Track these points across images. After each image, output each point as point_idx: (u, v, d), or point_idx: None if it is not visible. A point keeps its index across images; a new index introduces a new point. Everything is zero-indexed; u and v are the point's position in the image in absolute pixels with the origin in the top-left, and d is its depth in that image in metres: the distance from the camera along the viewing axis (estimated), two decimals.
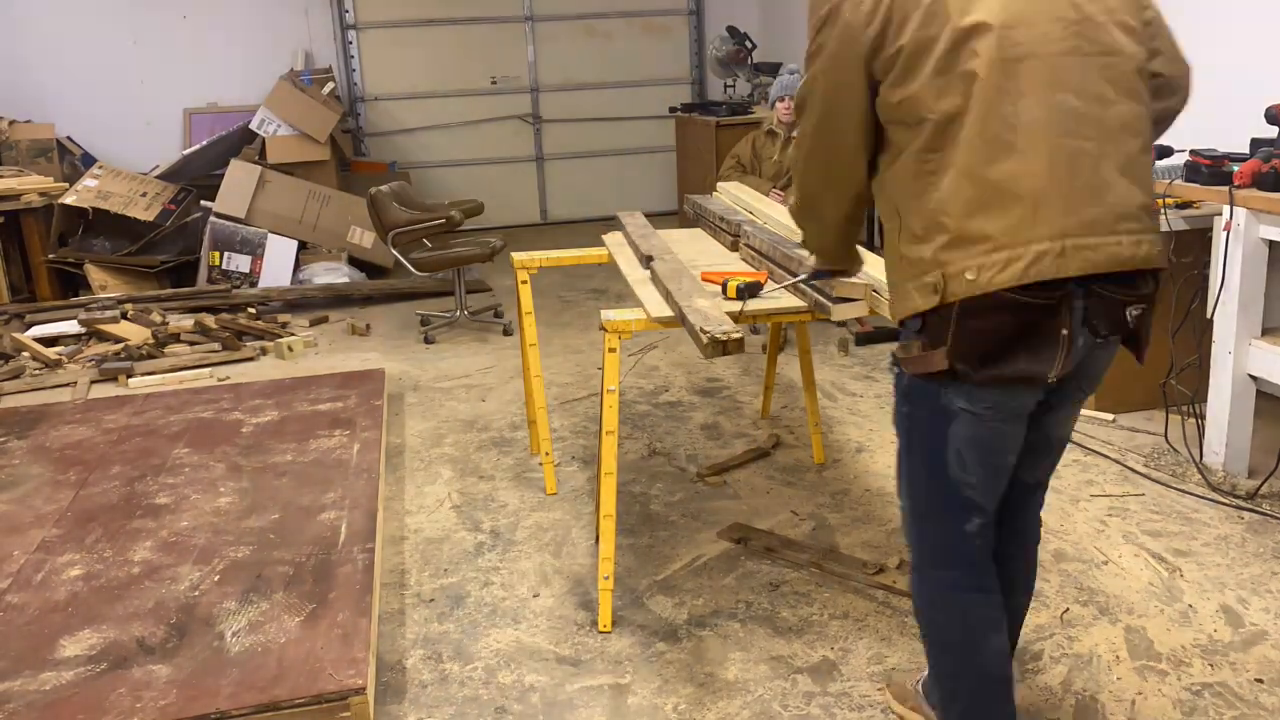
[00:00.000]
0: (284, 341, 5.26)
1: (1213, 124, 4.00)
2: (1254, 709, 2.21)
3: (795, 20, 8.11)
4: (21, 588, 2.68)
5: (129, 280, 6.30)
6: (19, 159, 6.67)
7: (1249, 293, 3.16)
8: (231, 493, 3.25)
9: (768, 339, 4.10)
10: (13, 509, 3.19)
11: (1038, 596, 2.67)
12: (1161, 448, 3.55)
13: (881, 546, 2.97)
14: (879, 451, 3.67)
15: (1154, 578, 2.75)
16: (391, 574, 2.94)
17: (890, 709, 2.24)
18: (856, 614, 2.63)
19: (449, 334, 5.52)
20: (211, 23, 7.72)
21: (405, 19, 8.22)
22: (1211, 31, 4.03)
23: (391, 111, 8.33)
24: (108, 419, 4.01)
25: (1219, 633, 2.49)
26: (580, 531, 3.15)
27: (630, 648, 2.52)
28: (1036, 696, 2.28)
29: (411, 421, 4.19)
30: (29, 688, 2.22)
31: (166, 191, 6.70)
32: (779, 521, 3.16)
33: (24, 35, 7.37)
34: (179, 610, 2.53)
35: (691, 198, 3.81)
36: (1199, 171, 3.33)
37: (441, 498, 3.45)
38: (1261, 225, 3.10)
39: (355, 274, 6.62)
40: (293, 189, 6.71)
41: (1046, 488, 2.06)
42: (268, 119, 6.89)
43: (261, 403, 4.13)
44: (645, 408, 4.23)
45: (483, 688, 2.39)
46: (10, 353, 5.13)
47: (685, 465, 3.63)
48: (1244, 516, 3.07)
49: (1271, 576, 2.73)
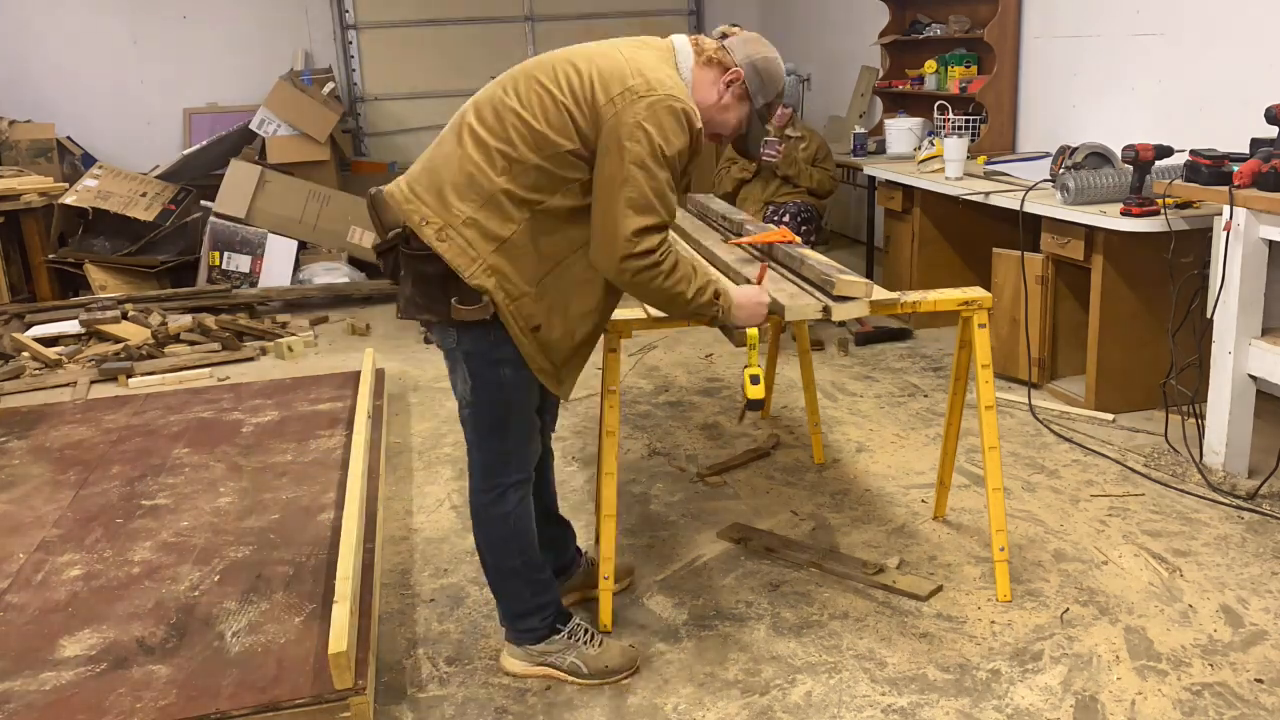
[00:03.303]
0: (284, 341, 5.26)
1: (1213, 124, 4.02)
2: (1254, 709, 2.21)
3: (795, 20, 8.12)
4: (21, 588, 2.68)
5: (129, 280, 6.30)
6: (19, 159, 6.66)
7: (1249, 293, 3.16)
8: (231, 493, 3.25)
9: (768, 340, 4.10)
10: (13, 509, 3.19)
11: (1038, 596, 2.67)
12: (1161, 448, 3.55)
13: (881, 546, 2.97)
14: (879, 451, 3.67)
15: (1154, 578, 2.75)
16: (391, 574, 2.94)
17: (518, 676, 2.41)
18: (856, 614, 2.63)
19: None
20: (211, 23, 7.72)
21: (405, 19, 8.22)
22: (1212, 31, 4.04)
23: (391, 111, 8.33)
24: (108, 419, 4.01)
25: (1219, 633, 2.49)
26: (580, 532, 3.15)
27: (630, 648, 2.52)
28: (1036, 696, 2.28)
29: (411, 421, 4.19)
30: (29, 688, 2.22)
31: (166, 191, 6.69)
32: (779, 521, 3.16)
33: (24, 35, 7.37)
34: (179, 610, 2.53)
35: (694, 197, 3.82)
36: (1199, 171, 3.33)
37: (441, 498, 3.45)
38: (1261, 225, 3.10)
39: (355, 274, 6.61)
40: (293, 189, 6.71)
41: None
42: (268, 119, 6.88)
43: (261, 403, 4.13)
44: (646, 407, 4.23)
45: (482, 688, 2.39)
46: (10, 353, 5.12)
47: (685, 465, 3.63)
48: (1244, 516, 3.07)
49: (1271, 576, 2.73)
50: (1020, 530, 3.04)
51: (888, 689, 2.32)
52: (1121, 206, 3.64)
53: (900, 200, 5.18)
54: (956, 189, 4.56)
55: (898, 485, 3.39)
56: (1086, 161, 3.99)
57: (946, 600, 2.67)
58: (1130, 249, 3.74)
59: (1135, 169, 3.69)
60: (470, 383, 2.23)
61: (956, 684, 2.33)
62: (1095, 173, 3.86)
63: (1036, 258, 4.10)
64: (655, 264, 2.10)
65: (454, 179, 2.12)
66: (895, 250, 5.37)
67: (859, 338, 4.96)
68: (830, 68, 7.41)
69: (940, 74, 5.82)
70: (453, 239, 2.10)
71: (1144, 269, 3.77)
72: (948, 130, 5.35)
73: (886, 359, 4.75)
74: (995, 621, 2.57)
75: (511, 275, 2.11)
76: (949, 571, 2.82)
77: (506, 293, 2.11)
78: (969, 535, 3.03)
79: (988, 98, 5.32)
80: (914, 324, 5.11)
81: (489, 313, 2.11)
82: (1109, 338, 3.86)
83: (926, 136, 5.59)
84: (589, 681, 2.38)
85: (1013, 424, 3.87)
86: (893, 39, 6.28)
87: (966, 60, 5.69)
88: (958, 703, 2.26)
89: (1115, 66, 4.59)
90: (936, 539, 3.01)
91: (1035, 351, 4.17)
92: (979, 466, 3.39)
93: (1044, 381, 4.22)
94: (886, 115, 6.27)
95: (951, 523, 3.11)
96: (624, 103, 2.05)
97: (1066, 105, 4.97)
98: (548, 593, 2.41)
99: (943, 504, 3.12)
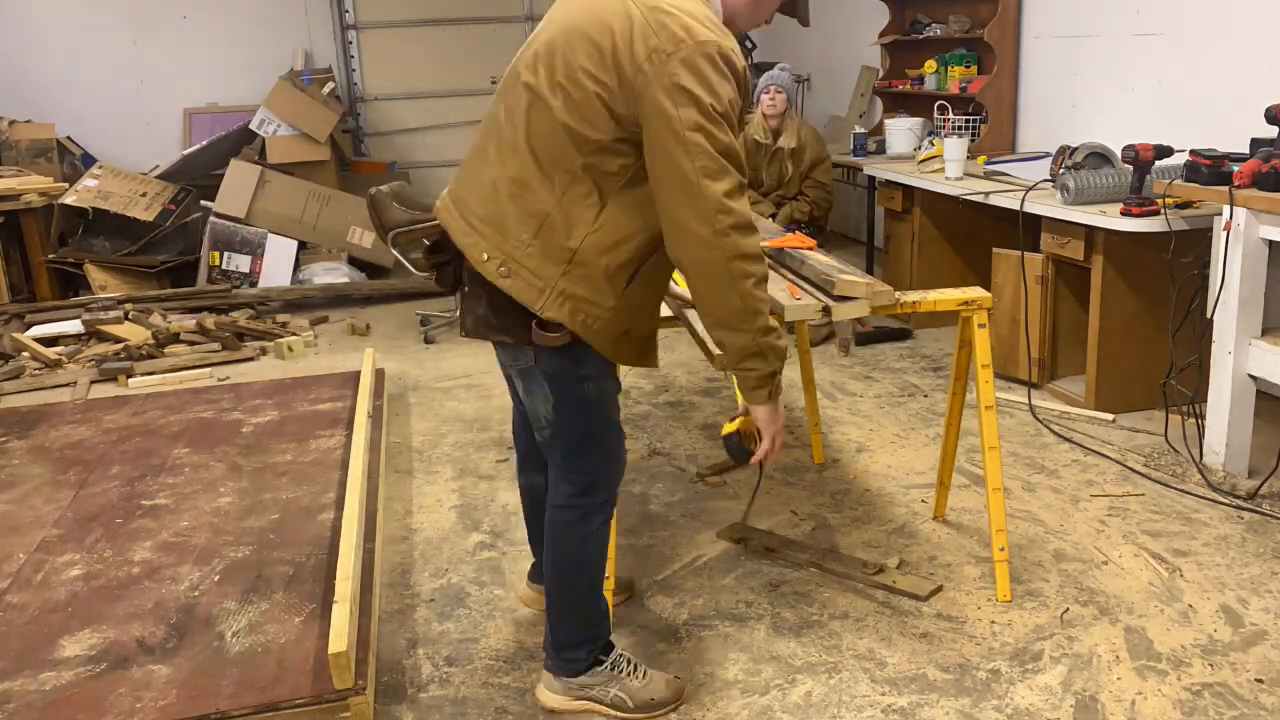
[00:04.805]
0: (284, 341, 5.26)
1: (1213, 124, 4.02)
2: (1254, 709, 2.21)
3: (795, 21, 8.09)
4: (21, 588, 2.68)
5: (129, 280, 6.30)
6: (19, 159, 6.66)
7: (1249, 293, 3.16)
8: (231, 493, 3.25)
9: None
10: (13, 509, 3.19)
11: (1038, 596, 2.67)
12: (1161, 448, 3.55)
13: (881, 546, 2.97)
14: (879, 451, 3.67)
15: (1154, 578, 2.75)
16: (391, 574, 2.94)
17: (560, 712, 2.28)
18: (856, 614, 2.63)
19: (449, 334, 5.52)
20: (211, 23, 7.72)
21: (405, 19, 8.21)
22: (1212, 31, 4.04)
23: (391, 111, 8.33)
24: (108, 419, 4.01)
25: (1219, 633, 2.49)
26: None
27: (630, 648, 2.52)
28: (1036, 696, 2.28)
29: (412, 421, 4.19)
30: (29, 688, 2.22)
31: (166, 191, 6.69)
32: (779, 521, 3.16)
33: (24, 35, 7.36)
34: (179, 610, 2.53)
35: None
36: (1199, 171, 3.33)
37: (441, 498, 3.45)
38: (1261, 225, 3.10)
39: (355, 274, 6.62)
40: (293, 189, 6.71)
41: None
42: (268, 119, 6.88)
43: (261, 403, 4.13)
44: (645, 407, 4.23)
45: (482, 688, 2.39)
46: (10, 353, 5.12)
47: (685, 465, 3.63)
48: (1244, 516, 3.07)
49: (1271, 576, 2.73)
50: (1020, 530, 3.04)
51: (888, 689, 2.32)
52: (1121, 206, 3.64)
53: (900, 200, 5.18)
54: (956, 189, 4.56)
55: (898, 485, 3.39)
56: (1086, 161, 3.99)
57: (946, 600, 2.67)
58: (1130, 249, 3.75)
59: (1135, 169, 3.69)
60: (553, 400, 2.08)
61: (956, 684, 2.33)
62: (1095, 173, 3.86)
63: (1036, 258, 4.10)
64: (751, 226, 1.89)
65: (506, 204, 1.96)
66: (895, 250, 5.37)
67: (859, 338, 4.96)
68: (830, 68, 7.41)
69: (940, 74, 5.82)
70: (517, 273, 1.94)
71: (1144, 269, 3.77)
72: (948, 130, 5.35)
73: (886, 359, 4.75)
74: (995, 621, 2.57)
75: (588, 295, 1.95)
76: (949, 571, 2.82)
77: (586, 315, 1.96)
78: (969, 535, 3.03)
79: (988, 98, 5.32)
80: (914, 324, 5.11)
81: (569, 337, 1.97)
82: (1109, 338, 3.86)
83: (926, 136, 5.59)
84: (634, 715, 2.23)
85: (1013, 424, 3.87)
86: (893, 39, 6.29)
87: (966, 60, 5.69)
88: (958, 703, 2.26)
89: (1115, 66, 4.59)
90: (936, 539, 3.01)
91: (1035, 351, 4.17)
92: (979, 466, 3.39)
93: (1044, 381, 4.22)
94: (886, 115, 6.28)
95: (951, 523, 3.11)
96: (655, 66, 1.82)
97: (1066, 105, 4.97)
98: (602, 625, 2.27)
99: (943, 504, 3.12)
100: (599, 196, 1.93)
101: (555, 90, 1.90)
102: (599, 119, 1.88)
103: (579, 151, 1.90)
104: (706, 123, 1.83)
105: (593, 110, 1.88)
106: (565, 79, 1.90)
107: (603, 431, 2.15)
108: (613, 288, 1.97)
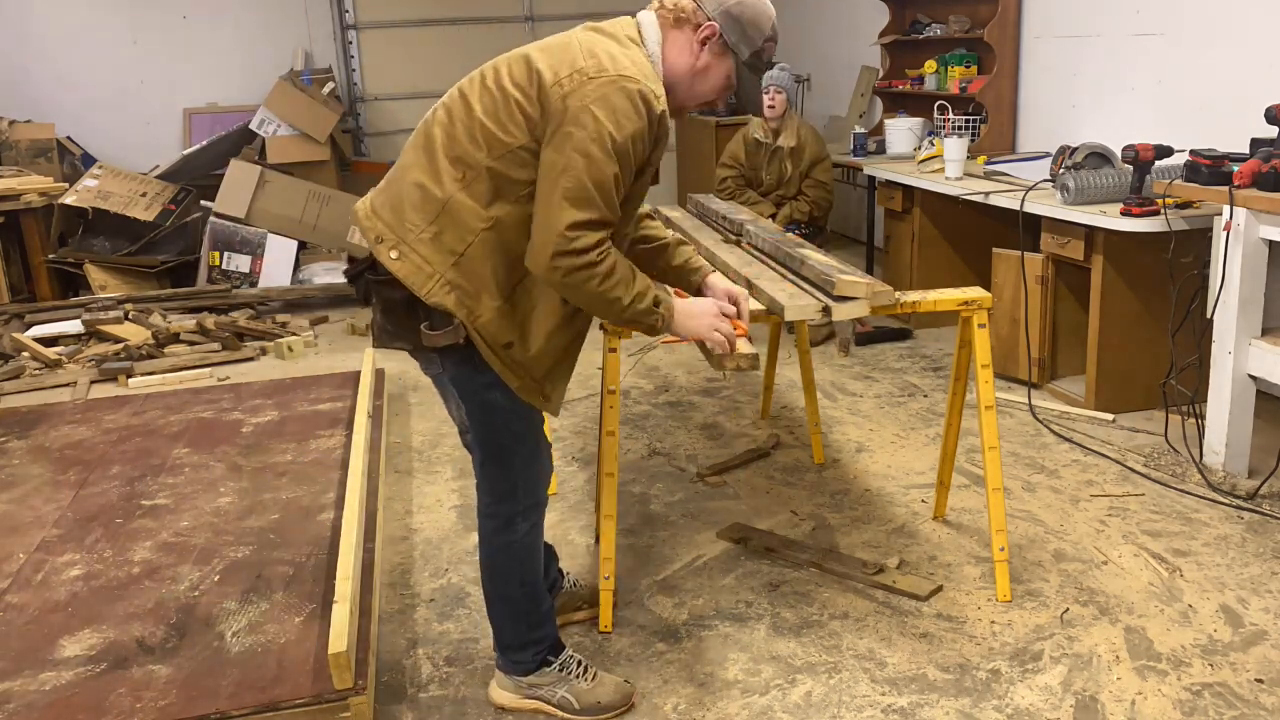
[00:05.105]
0: (284, 341, 5.26)
1: (1213, 124, 4.02)
2: (1254, 709, 2.21)
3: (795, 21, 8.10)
4: (21, 588, 2.68)
5: (129, 280, 6.30)
6: (19, 159, 6.66)
7: (1249, 293, 3.16)
8: (231, 493, 3.24)
9: (769, 340, 4.10)
10: (13, 509, 3.19)
11: (1038, 596, 2.67)
12: (1161, 448, 3.55)
13: (881, 546, 2.97)
14: (879, 451, 3.67)
15: (1154, 578, 2.75)
16: (392, 574, 2.94)
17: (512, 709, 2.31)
18: (856, 614, 2.63)
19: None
20: (211, 23, 7.71)
21: (405, 19, 8.21)
22: (1212, 31, 4.04)
23: (391, 111, 8.33)
24: (108, 419, 4.01)
25: (1219, 633, 2.49)
26: (580, 532, 3.15)
27: (630, 648, 2.52)
28: (1036, 696, 2.28)
29: (411, 421, 4.19)
30: (29, 688, 2.22)
31: (166, 191, 6.69)
32: (779, 521, 3.16)
33: (24, 35, 7.36)
34: (179, 610, 2.53)
35: (694, 197, 3.82)
36: (1199, 171, 3.33)
37: (441, 498, 3.45)
38: (1261, 225, 3.10)
39: None
40: (293, 189, 6.70)
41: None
42: (267, 119, 6.88)
43: (261, 403, 4.13)
44: (645, 408, 4.23)
45: (483, 688, 2.39)
46: (10, 353, 5.12)
47: (685, 465, 3.63)
48: (1244, 516, 3.07)
49: (1271, 576, 2.73)
50: (1020, 530, 3.04)
51: (888, 689, 2.32)
52: (1121, 206, 3.64)
53: (900, 200, 5.19)
54: (956, 189, 4.56)
55: (898, 485, 3.39)
56: (1086, 161, 3.99)
57: (946, 600, 2.68)
58: (1130, 249, 3.74)
59: (1135, 169, 3.69)
60: (464, 407, 2.12)
61: (956, 684, 2.33)
62: (1095, 173, 3.86)
63: (1036, 258, 4.10)
64: (590, 265, 1.89)
65: (409, 192, 2.01)
66: (895, 250, 5.37)
67: (859, 338, 4.96)
68: (830, 68, 7.41)
69: (940, 74, 5.82)
70: (408, 256, 1.98)
71: (1144, 269, 3.77)
72: (948, 130, 5.35)
73: (886, 359, 4.75)
74: (995, 621, 2.57)
75: (473, 291, 1.97)
76: (949, 571, 2.82)
77: (469, 310, 1.98)
78: (969, 535, 3.03)
79: (988, 98, 5.32)
80: (914, 324, 5.11)
81: (461, 336, 1.98)
82: (1109, 338, 3.86)
83: (926, 136, 5.59)
84: (579, 717, 2.27)
85: (1013, 424, 3.87)
86: (893, 39, 6.29)
87: (966, 60, 5.69)
88: (958, 703, 2.26)
89: (1115, 66, 4.59)
90: (936, 539, 3.01)
91: (1035, 351, 4.17)
92: (979, 466, 3.39)
93: (1044, 381, 4.22)
94: (886, 115, 6.28)
95: (951, 523, 3.11)
96: (572, 85, 1.88)
97: (1066, 105, 4.97)
98: (543, 627, 2.29)
99: (943, 504, 3.12)
100: (498, 199, 1.97)
101: (482, 93, 2.00)
102: (512, 123, 1.94)
103: (489, 153, 1.95)
104: (596, 150, 1.86)
105: (508, 113, 1.94)
106: (494, 84, 1.99)
107: (514, 441, 2.14)
108: (499, 287, 1.99)
